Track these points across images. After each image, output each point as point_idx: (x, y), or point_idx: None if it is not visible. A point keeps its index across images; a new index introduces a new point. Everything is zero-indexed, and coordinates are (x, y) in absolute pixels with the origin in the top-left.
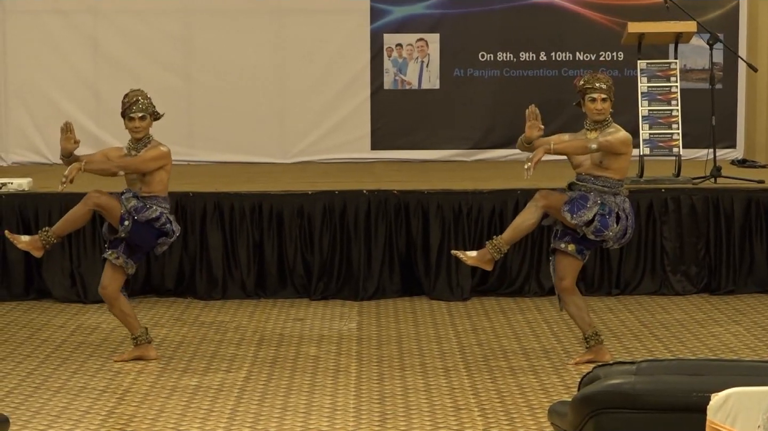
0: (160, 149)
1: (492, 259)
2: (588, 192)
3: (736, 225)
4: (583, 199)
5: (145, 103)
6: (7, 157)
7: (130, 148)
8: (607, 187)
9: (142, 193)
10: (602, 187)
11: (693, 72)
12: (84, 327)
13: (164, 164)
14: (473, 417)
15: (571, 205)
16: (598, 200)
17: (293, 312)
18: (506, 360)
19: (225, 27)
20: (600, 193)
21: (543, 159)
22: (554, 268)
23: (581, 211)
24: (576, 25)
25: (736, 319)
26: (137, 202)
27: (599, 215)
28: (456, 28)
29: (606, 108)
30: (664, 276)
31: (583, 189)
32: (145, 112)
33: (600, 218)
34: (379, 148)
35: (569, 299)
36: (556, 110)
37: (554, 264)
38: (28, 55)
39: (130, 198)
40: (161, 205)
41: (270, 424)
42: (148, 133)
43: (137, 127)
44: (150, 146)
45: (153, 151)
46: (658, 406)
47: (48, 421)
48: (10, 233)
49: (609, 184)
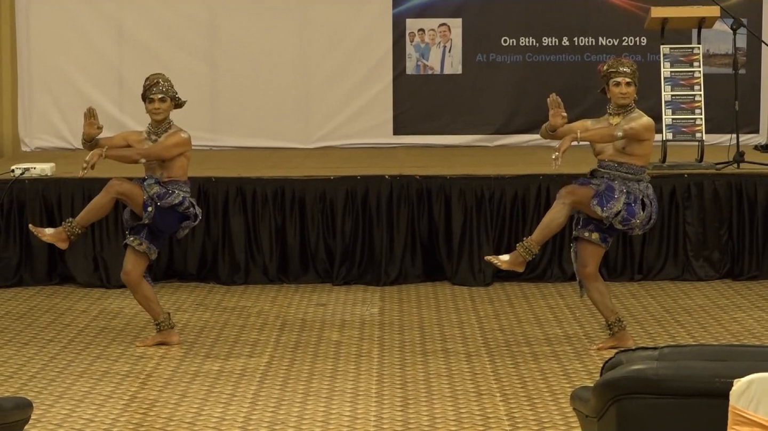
0: (180, 136)
1: (524, 261)
2: (612, 180)
3: (759, 211)
4: (609, 190)
5: (165, 85)
6: (30, 142)
7: (150, 131)
8: (631, 174)
9: (164, 179)
10: (626, 173)
11: (716, 57)
12: (107, 311)
13: (185, 150)
14: (495, 403)
15: (600, 198)
16: (623, 189)
17: (315, 298)
18: (528, 346)
19: (249, 12)
20: (624, 180)
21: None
22: (576, 255)
23: (610, 202)
24: (599, 10)
25: (759, 305)
26: (159, 188)
27: (625, 204)
28: (478, 13)
29: (630, 92)
30: (686, 261)
31: (607, 176)
32: (165, 95)
33: (626, 207)
34: (402, 134)
35: (592, 286)
36: (579, 95)
37: (577, 251)
38: (51, 41)
39: (153, 184)
40: (183, 189)
41: (292, 409)
42: (168, 116)
43: (157, 108)
44: (170, 132)
45: (174, 137)
46: (680, 392)
47: (71, 405)
48: (34, 227)
49: (633, 170)
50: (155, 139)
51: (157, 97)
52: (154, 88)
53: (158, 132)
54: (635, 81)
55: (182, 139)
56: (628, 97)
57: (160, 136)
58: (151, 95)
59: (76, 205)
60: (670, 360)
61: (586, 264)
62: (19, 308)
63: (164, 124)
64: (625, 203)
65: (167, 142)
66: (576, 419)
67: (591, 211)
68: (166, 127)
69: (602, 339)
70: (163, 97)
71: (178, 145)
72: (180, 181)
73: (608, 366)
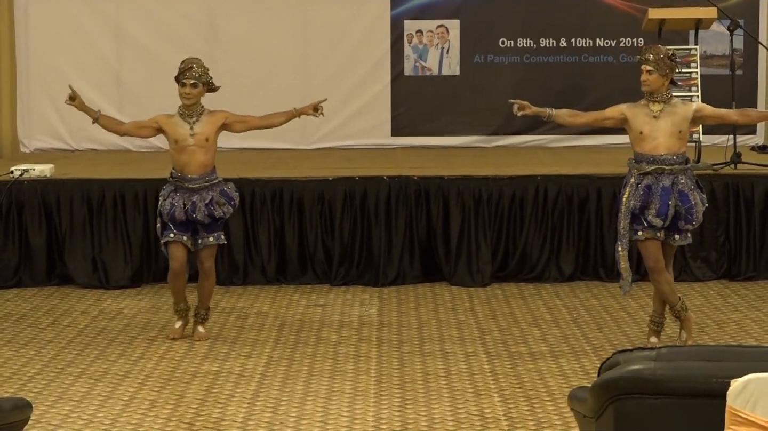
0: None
1: (658, 331)
2: (673, 175)
3: (756, 212)
4: (684, 200)
5: (198, 71)
6: (29, 143)
7: (184, 113)
8: (684, 162)
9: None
10: (684, 164)
11: (713, 58)
12: (106, 312)
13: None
14: (493, 402)
15: (678, 221)
16: (689, 183)
17: (314, 298)
18: (526, 346)
19: (248, 13)
20: (678, 174)
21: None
22: (646, 254)
23: (692, 211)
24: (596, 11)
25: (756, 305)
26: (220, 188)
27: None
28: (476, 14)
29: (651, 80)
30: (684, 262)
31: (673, 171)
32: (198, 80)
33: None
34: (400, 134)
35: (661, 277)
36: (577, 96)
37: (644, 251)
38: (50, 42)
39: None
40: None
41: (291, 409)
42: (199, 101)
43: (188, 93)
44: (214, 111)
45: (223, 111)
46: (677, 392)
47: (70, 406)
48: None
49: (685, 156)
50: (192, 122)
51: (189, 82)
52: (187, 72)
53: (191, 114)
54: (661, 69)
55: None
56: (649, 85)
57: (194, 119)
58: (184, 80)
59: (75, 206)
60: (668, 360)
61: (657, 259)
62: (18, 309)
63: (197, 107)
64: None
65: (235, 116)
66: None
67: (682, 238)
68: (200, 110)
69: (680, 338)
70: (195, 82)
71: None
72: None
73: (606, 366)
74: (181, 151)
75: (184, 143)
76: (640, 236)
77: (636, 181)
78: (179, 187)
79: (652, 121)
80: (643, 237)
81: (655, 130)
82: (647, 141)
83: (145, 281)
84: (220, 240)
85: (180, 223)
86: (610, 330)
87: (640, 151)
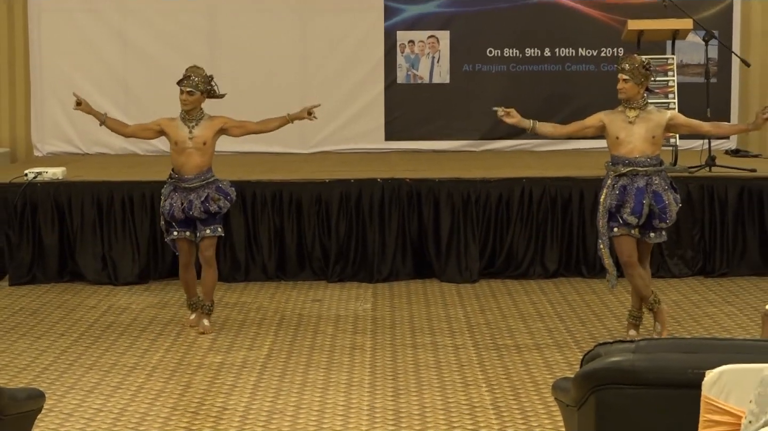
0: (219, 117)
1: (637, 325)
2: (647, 176)
3: (730, 212)
4: (658, 200)
5: (196, 80)
6: (42, 147)
7: (185, 118)
8: (658, 164)
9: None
10: (658, 166)
11: (689, 67)
12: (114, 307)
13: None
14: (481, 392)
15: (653, 220)
16: (662, 184)
17: (311, 294)
18: (512, 339)
19: (248, 22)
20: (652, 175)
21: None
22: (620, 249)
23: (665, 210)
24: (579, 22)
25: (729, 300)
26: (215, 185)
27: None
28: (465, 25)
29: (627, 88)
30: (661, 259)
31: (647, 172)
32: (195, 89)
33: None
34: (393, 139)
35: (635, 272)
36: (561, 103)
37: (618, 246)
38: (61, 51)
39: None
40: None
41: (290, 399)
42: (197, 107)
43: (185, 100)
44: (213, 116)
45: (222, 117)
46: (655, 382)
47: (81, 396)
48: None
49: (659, 159)
50: (192, 125)
51: (186, 90)
52: (185, 81)
53: (191, 119)
54: (636, 78)
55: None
56: (624, 92)
57: (194, 123)
58: (182, 87)
59: (86, 207)
60: (646, 352)
61: (631, 254)
62: (32, 304)
63: (197, 112)
64: (672, 197)
65: (232, 121)
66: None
67: (657, 236)
68: (200, 115)
69: (656, 330)
70: (191, 90)
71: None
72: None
73: (588, 358)
74: (180, 152)
75: (183, 145)
76: (616, 232)
77: (612, 182)
78: (177, 187)
79: (628, 127)
80: (618, 234)
81: (630, 134)
82: (623, 145)
83: (152, 278)
84: (217, 233)
85: (180, 221)
86: (591, 323)
87: (616, 153)
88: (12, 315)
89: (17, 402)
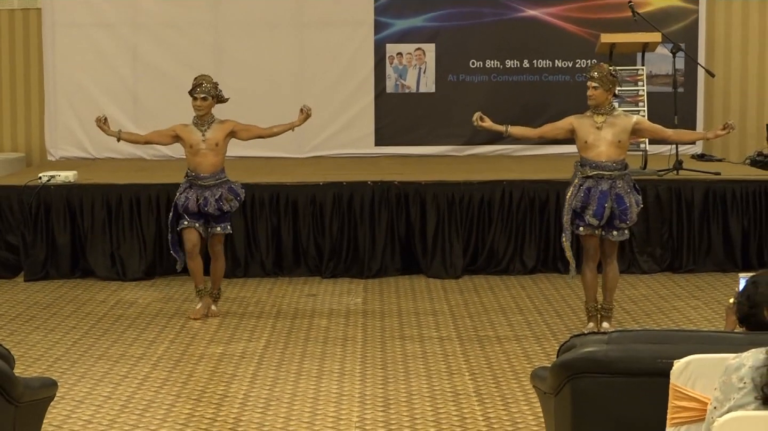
0: (229, 121)
1: (608, 317)
2: (612, 179)
3: (696, 212)
4: (619, 202)
5: (207, 86)
6: (55, 152)
7: (198, 123)
8: (624, 167)
9: (219, 169)
10: (623, 170)
11: (658, 77)
12: (123, 302)
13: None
14: (465, 381)
15: (614, 220)
16: (625, 187)
17: (306, 289)
18: (494, 331)
19: (251, 38)
20: (622, 177)
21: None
22: (585, 246)
23: (626, 212)
24: (555, 36)
25: (696, 295)
26: (228, 186)
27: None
28: (450, 38)
29: (596, 95)
30: (632, 256)
31: (612, 176)
32: (207, 95)
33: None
34: (383, 144)
35: (594, 266)
36: (539, 110)
37: (584, 243)
38: (75, 63)
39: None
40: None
41: (286, 387)
42: (209, 111)
43: (199, 106)
44: (223, 120)
45: (231, 121)
46: (627, 371)
47: (91, 385)
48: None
49: (625, 163)
50: (204, 129)
51: (200, 96)
52: (198, 88)
53: (203, 123)
54: (605, 85)
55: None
56: (594, 99)
57: (206, 127)
58: (195, 94)
59: (96, 208)
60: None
61: (591, 251)
62: (45, 299)
63: (208, 117)
64: (634, 200)
65: (240, 125)
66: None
67: (619, 234)
68: (211, 120)
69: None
70: (205, 96)
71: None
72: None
73: (564, 348)
74: (195, 153)
75: (198, 147)
76: (581, 231)
77: (579, 183)
78: (193, 184)
79: (596, 131)
80: (583, 233)
81: (598, 139)
82: (591, 149)
83: (157, 274)
84: (227, 230)
85: (193, 213)
86: (567, 316)
87: (585, 156)
88: (27, 309)
89: (32, 391)
